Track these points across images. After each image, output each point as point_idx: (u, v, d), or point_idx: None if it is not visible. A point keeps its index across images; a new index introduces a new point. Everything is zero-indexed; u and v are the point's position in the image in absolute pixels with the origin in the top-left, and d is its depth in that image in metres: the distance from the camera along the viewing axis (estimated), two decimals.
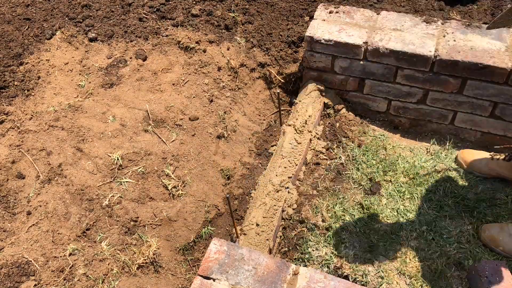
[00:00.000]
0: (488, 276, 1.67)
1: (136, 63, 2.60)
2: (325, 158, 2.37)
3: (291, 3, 2.89)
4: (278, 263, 1.57)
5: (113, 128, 2.31)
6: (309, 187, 2.25)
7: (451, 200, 2.17)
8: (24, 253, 1.88)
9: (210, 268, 1.56)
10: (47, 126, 2.29)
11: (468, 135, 2.46)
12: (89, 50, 2.68)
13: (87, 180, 2.12)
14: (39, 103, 2.40)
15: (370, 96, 2.51)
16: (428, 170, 2.29)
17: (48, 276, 1.84)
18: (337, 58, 2.41)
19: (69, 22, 2.79)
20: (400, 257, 1.98)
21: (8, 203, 2.02)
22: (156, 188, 2.14)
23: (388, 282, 1.91)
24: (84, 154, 2.20)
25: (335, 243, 2.03)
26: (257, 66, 2.72)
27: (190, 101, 2.47)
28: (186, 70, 2.58)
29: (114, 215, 2.03)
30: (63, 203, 2.03)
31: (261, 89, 2.73)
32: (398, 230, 2.06)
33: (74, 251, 1.91)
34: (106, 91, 2.49)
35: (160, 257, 1.98)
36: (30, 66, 2.56)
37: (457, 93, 2.30)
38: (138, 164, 2.19)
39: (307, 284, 1.51)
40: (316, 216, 2.12)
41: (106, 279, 1.87)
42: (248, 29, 2.79)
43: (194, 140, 2.34)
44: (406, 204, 2.16)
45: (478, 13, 2.63)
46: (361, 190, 2.23)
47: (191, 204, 2.15)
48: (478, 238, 2.01)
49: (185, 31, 2.74)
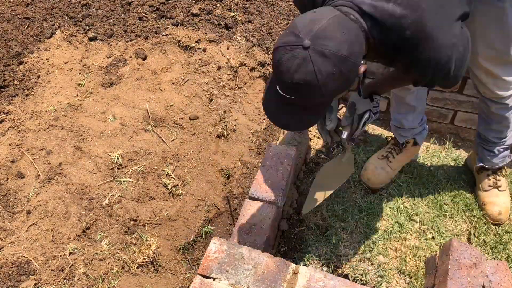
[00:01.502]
0: (489, 275, 1.67)
1: (136, 62, 2.60)
2: (325, 157, 2.36)
3: (291, 2, 2.89)
4: (278, 262, 1.57)
5: (113, 128, 2.30)
6: (309, 187, 2.25)
7: (450, 199, 2.17)
8: (24, 252, 1.88)
9: (210, 267, 1.56)
10: (47, 126, 2.29)
11: (468, 135, 2.45)
12: (89, 49, 2.68)
13: (87, 179, 2.12)
14: (39, 102, 2.40)
15: None
16: (428, 169, 2.29)
17: (48, 275, 1.84)
18: None
19: (69, 21, 2.79)
20: (400, 256, 1.98)
21: (8, 202, 2.02)
22: (156, 187, 2.14)
23: (388, 281, 1.91)
24: (84, 154, 2.20)
25: (335, 242, 2.03)
26: (257, 65, 2.72)
27: (190, 100, 2.47)
28: (186, 69, 2.58)
29: (114, 214, 2.03)
30: (63, 203, 2.03)
31: (261, 88, 2.73)
32: (397, 229, 2.06)
33: (74, 250, 1.91)
34: (106, 90, 2.49)
35: (160, 256, 1.98)
36: (30, 65, 2.56)
37: (457, 92, 2.29)
38: (138, 163, 2.19)
39: (307, 283, 1.51)
40: (315, 215, 2.12)
41: (106, 278, 1.87)
42: (248, 28, 2.79)
43: (194, 139, 2.34)
44: (406, 204, 2.16)
45: None
46: (360, 190, 2.22)
47: (191, 203, 2.15)
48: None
49: (185, 30, 2.74)
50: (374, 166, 2.20)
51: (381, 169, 2.18)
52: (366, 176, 2.20)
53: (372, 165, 2.21)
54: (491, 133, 2.02)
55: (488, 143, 2.05)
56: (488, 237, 2.04)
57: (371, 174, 2.18)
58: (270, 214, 1.87)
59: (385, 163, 2.19)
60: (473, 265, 1.66)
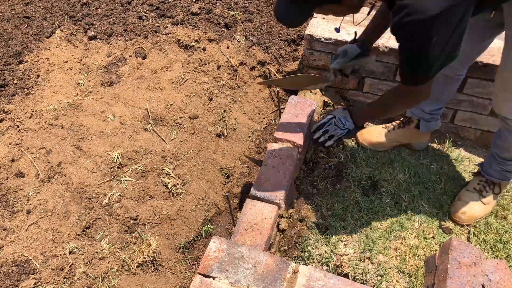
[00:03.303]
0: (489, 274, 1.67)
1: (135, 61, 2.60)
2: (324, 157, 2.37)
3: None
4: (277, 261, 1.57)
5: (112, 127, 2.30)
6: (308, 186, 2.25)
7: (451, 198, 2.17)
8: (24, 251, 1.88)
9: (210, 267, 1.56)
10: (46, 125, 2.29)
11: (468, 134, 2.46)
12: (89, 48, 2.67)
13: (87, 178, 2.12)
14: (38, 101, 2.40)
15: (370, 94, 2.51)
16: (428, 168, 2.29)
17: (48, 274, 1.84)
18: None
19: (68, 21, 2.78)
20: (400, 256, 1.98)
21: (7, 201, 2.02)
22: (155, 187, 2.14)
23: (388, 280, 1.91)
24: (84, 153, 2.20)
25: (335, 241, 2.03)
26: (257, 65, 2.72)
27: (190, 99, 2.47)
28: (185, 69, 2.58)
29: (114, 214, 2.03)
30: (62, 202, 2.03)
31: (260, 87, 2.72)
32: (397, 229, 2.06)
33: (74, 249, 1.91)
34: (106, 89, 2.48)
35: (160, 255, 1.98)
36: (30, 64, 2.56)
37: (457, 91, 2.29)
38: (137, 162, 2.19)
39: (307, 283, 1.51)
40: (315, 214, 2.12)
41: (106, 277, 1.87)
42: (247, 27, 2.79)
43: (193, 138, 2.34)
44: (405, 203, 2.16)
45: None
46: (360, 189, 2.23)
47: (191, 203, 2.15)
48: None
49: (184, 30, 2.73)
50: (373, 128, 2.40)
51: (378, 133, 2.36)
52: (361, 131, 2.38)
53: (373, 127, 2.41)
54: (496, 149, 2.01)
55: (494, 156, 2.04)
56: (488, 236, 2.04)
57: (367, 132, 2.39)
58: (271, 213, 1.87)
59: (385, 131, 2.36)
60: (473, 264, 1.66)
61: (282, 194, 1.94)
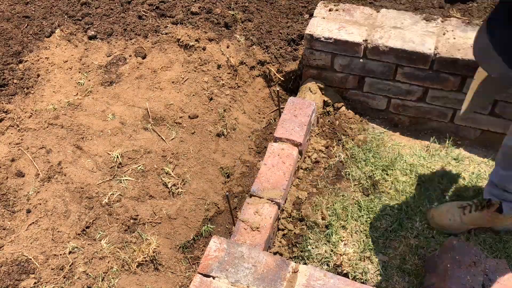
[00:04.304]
0: (489, 274, 1.67)
1: (135, 61, 2.60)
2: (324, 156, 2.37)
3: (290, 1, 2.89)
4: (277, 261, 1.57)
5: (112, 126, 2.30)
6: (308, 185, 2.25)
7: (451, 198, 2.17)
8: (24, 251, 1.88)
9: (210, 266, 1.56)
10: (46, 124, 2.29)
11: (467, 133, 2.46)
12: (89, 48, 2.67)
13: (87, 178, 2.12)
14: (38, 101, 2.40)
15: (370, 94, 2.51)
16: (428, 168, 2.29)
17: (48, 274, 1.84)
18: (337, 56, 2.41)
19: (68, 20, 2.78)
20: (400, 255, 1.98)
21: (7, 201, 2.02)
22: (155, 186, 2.14)
23: (388, 279, 1.91)
24: (84, 152, 2.20)
25: (335, 241, 2.03)
26: (257, 64, 2.72)
27: (190, 99, 2.47)
28: (185, 68, 2.58)
29: (114, 213, 2.03)
30: (62, 201, 2.03)
31: (260, 87, 2.72)
32: (397, 228, 2.06)
33: (74, 249, 1.91)
34: (106, 89, 2.48)
35: (159, 255, 1.98)
36: (30, 64, 2.56)
37: (457, 91, 2.29)
38: (137, 162, 2.19)
39: (307, 282, 1.51)
40: (315, 214, 2.12)
41: (106, 277, 1.87)
42: (247, 27, 2.79)
43: (193, 138, 2.34)
44: (405, 202, 2.16)
45: (478, 11, 2.62)
46: (360, 188, 2.23)
47: (190, 202, 2.15)
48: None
49: (184, 29, 2.73)
50: (447, 209, 2.02)
51: (451, 215, 1.99)
52: (432, 213, 2.06)
53: (446, 207, 2.03)
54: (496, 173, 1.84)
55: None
56: (488, 236, 2.04)
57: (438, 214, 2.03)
58: (271, 213, 1.87)
59: (460, 213, 1.98)
60: (473, 264, 1.66)
61: (282, 193, 1.94)
